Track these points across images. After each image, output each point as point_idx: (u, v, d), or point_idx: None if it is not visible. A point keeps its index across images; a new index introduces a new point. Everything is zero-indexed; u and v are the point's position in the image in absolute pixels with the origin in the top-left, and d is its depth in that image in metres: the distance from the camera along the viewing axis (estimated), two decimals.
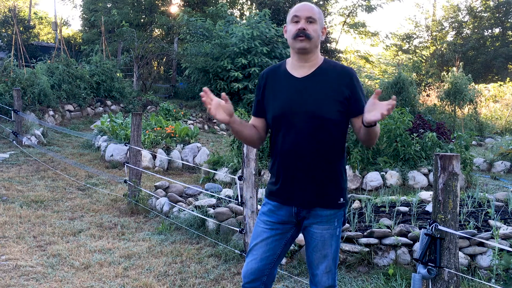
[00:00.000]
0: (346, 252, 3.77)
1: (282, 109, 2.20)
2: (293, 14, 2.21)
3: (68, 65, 13.53)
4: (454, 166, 2.32)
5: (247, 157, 3.74)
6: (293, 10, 2.24)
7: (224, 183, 6.92)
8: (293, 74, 2.24)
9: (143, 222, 5.16)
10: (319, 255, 2.26)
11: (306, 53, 2.20)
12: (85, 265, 3.85)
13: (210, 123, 14.20)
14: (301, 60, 2.23)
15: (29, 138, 9.39)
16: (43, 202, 5.74)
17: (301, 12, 2.20)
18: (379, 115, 1.98)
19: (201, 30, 16.18)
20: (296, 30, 2.18)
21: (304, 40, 2.17)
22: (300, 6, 2.22)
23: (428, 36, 30.51)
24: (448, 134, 7.63)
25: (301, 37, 2.16)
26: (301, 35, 2.16)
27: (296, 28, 2.18)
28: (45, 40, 27.45)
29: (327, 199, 2.22)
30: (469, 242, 3.69)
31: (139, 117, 5.78)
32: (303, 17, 2.18)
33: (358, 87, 2.21)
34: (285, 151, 2.21)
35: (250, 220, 3.82)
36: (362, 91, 2.24)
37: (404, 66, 16.71)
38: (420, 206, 4.81)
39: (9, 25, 19.94)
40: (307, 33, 2.16)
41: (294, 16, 2.21)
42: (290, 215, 2.26)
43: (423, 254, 2.38)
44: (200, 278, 3.67)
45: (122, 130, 9.19)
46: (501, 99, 17.33)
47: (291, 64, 2.27)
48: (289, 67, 2.27)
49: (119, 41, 19.59)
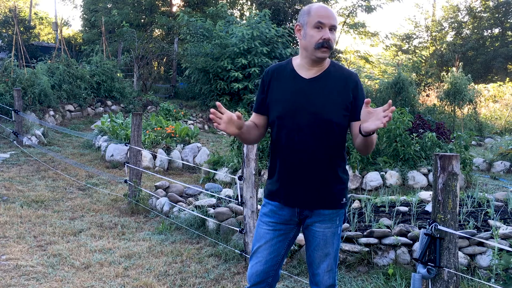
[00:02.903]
0: (346, 251, 3.78)
1: (287, 109, 2.19)
2: (318, 20, 2.12)
3: (68, 65, 13.53)
4: (454, 166, 2.33)
5: (247, 157, 3.75)
6: (317, 14, 2.13)
7: (224, 183, 6.92)
8: (300, 74, 2.22)
9: (143, 222, 5.17)
10: (320, 254, 2.26)
11: (322, 61, 2.19)
12: (85, 265, 3.86)
13: (210, 123, 14.20)
14: (314, 65, 2.20)
15: (30, 138, 9.40)
16: (43, 202, 5.74)
17: (326, 19, 2.11)
18: (380, 123, 1.89)
19: (201, 30, 16.19)
20: (321, 40, 2.11)
21: (326, 51, 2.13)
22: (324, 11, 2.13)
23: (427, 36, 30.50)
24: (447, 134, 7.64)
25: (325, 48, 2.12)
26: (325, 45, 2.11)
27: (320, 37, 2.11)
28: (46, 40, 27.47)
29: (329, 199, 2.22)
30: (468, 242, 3.69)
31: (139, 117, 5.79)
32: (328, 25, 2.11)
33: (361, 93, 2.20)
34: (287, 151, 2.20)
35: (250, 220, 3.83)
36: (364, 97, 2.21)
37: (404, 66, 16.69)
38: (420, 206, 4.82)
39: (10, 25, 19.95)
40: (330, 44, 2.12)
41: (319, 22, 2.11)
42: (292, 214, 2.25)
43: (423, 254, 2.39)
44: (200, 277, 3.68)
45: (123, 130, 9.19)
46: (500, 99, 17.33)
47: (299, 64, 2.24)
48: (296, 67, 2.24)
49: (119, 41, 19.60)
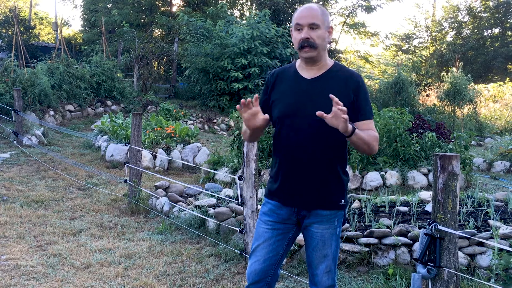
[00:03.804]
0: (346, 252, 3.78)
1: (288, 108, 2.20)
2: (296, 22, 2.16)
3: (68, 65, 13.53)
4: (454, 166, 2.33)
5: (247, 157, 3.75)
6: (295, 16, 2.17)
7: (224, 183, 6.92)
8: (302, 75, 2.24)
9: (143, 222, 5.17)
10: (319, 255, 2.26)
11: (313, 61, 2.20)
12: (85, 265, 3.86)
13: (210, 123, 14.20)
14: (309, 65, 2.22)
15: (30, 138, 9.40)
16: (43, 202, 5.74)
17: (302, 19, 2.13)
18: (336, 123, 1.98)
19: (201, 30, 16.19)
20: (300, 40, 2.13)
21: (309, 50, 2.13)
22: (301, 12, 2.16)
23: (427, 36, 30.51)
24: (447, 134, 7.63)
25: (306, 48, 2.13)
26: (305, 45, 2.13)
27: (299, 38, 2.13)
28: (46, 41, 27.47)
29: (328, 200, 2.22)
30: (468, 242, 3.69)
31: (139, 117, 5.79)
32: (305, 24, 2.13)
33: (363, 95, 2.19)
34: (287, 151, 2.21)
35: (250, 220, 3.83)
36: (366, 100, 2.20)
37: (404, 66, 16.70)
38: (420, 206, 4.82)
39: (10, 25, 19.95)
40: (311, 43, 2.12)
41: (297, 23, 2.15)
42: (290, 214, 2.26)
43: (423, 254, 2.39)
44: (200, 277, 3.68)
45: (123, 130, 9.20)
46: (500, 99, 17.33)
47: (301, 66, 2.26)
48: (298, 68, 2.27)
49: (119, 41, 19.60)
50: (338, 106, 1.95)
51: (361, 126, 2.16)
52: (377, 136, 2.19)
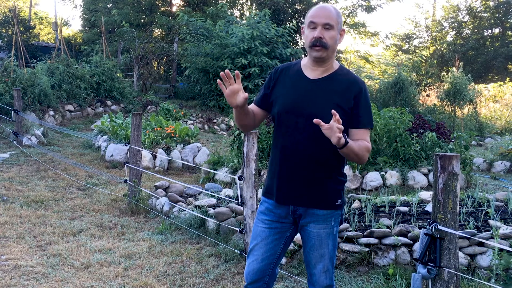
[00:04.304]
0: (346, 252, 3.78)
1: (288, 107, 2.20)
2: (310, 20, 2.14)
3: (68, 65, 13.53)
4: (454, 166, 2.33)
5: (247, 157, 3.74)
6: (310, 14, 2.16)
7: (224, 183, 6.92)
8: (306, 74, 2.23)
9: (143, 222, 5.17)
10: (316, 255, 2.26)
11: (322, 61, 2.19)
12: (85, 265, 3.86)
13: (210, 123, 14.19)
14: (316, 65, 2.21)
15: (30, 138, 9.39)
16: (43, 202, 5.74)
17: (318, 18, 2.12)
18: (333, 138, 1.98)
19: (201, 30, 16.19)
20: (312, 39, 2.12)
21: (320, 50, 2.13)
22: (317, 11, 2.15)
23: (428, 36, 30.52)
24: (448, 134, 7.63)
25: (317, 47, 2.12)
26: (317, 44, 2.12)
27: (312, 36, 2.13)
28: (46, 40, 27.47)
29: (324, 200, 2.22)
30: (469, 242, 3.69)
31: (139, 117, 5.79)
32: (320, 23, 2.12)
33: (363, 102, 2.18)
34: (284, 149, 2.22)
35: (250, 220, 3.82)
36: (366, 108, 2.19)
37: (404, 66, 16.69)
38: (420, 206, 4.81)
39: (10, 25, 19.95)
40: (324, 42, 2.12)
41: (311, 21, 2.14)
42: (287, 213, 2.26)
43: (423, 254, 2.38)
44: (200, 278, 3.67)
45: (122, 130, 9.19)
46: (500, 99, 17.32)
47: (306, 65, 2.26)
48: (303, 67, 2.26)
49: (119, 41, 19.60)
50: (337, 124, 1.96)
51: (355, 134, 2.16)
52: (369, 146, 2.17)
